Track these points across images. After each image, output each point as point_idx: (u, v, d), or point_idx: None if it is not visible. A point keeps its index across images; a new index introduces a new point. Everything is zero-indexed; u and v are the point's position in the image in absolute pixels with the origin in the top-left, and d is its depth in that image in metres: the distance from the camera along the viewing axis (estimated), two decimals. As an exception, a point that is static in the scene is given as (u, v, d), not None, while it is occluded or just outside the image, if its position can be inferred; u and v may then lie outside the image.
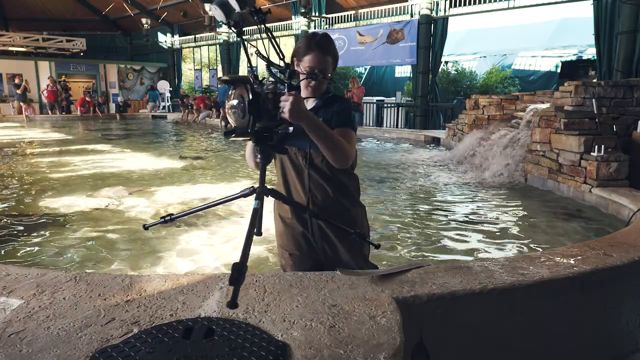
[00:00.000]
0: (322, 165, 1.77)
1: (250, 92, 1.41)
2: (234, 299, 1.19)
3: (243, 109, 1.42)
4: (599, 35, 9.36)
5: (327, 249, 1.86)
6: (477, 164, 6.85)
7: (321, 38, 1.78)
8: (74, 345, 1.29)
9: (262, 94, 1.45)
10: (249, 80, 1.44)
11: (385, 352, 1.27)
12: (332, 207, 1.80)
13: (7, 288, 1.66)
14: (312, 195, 1.80)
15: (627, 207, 3.96)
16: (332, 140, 1.60)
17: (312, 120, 1.55)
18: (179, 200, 4.99)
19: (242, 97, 1.43)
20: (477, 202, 5.11)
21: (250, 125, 1.42)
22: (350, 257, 1.87)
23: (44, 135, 12.78)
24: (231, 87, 1.50)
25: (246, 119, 1.42)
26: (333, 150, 1.62)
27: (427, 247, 3.60)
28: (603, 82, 5.43)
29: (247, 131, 1.44)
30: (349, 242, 1.83)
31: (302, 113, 1.50)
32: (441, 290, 1.68)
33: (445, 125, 10.74)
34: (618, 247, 2.23)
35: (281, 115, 1.48)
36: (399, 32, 13.17)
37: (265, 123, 1.45)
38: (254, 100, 1.41)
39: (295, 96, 1.48)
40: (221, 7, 1.49)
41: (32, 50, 20.92)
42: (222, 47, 19.43)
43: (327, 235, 1.84)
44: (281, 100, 1.48)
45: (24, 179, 6.21)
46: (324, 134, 1.58)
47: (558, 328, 1.94)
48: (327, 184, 1.80)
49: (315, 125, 1.55)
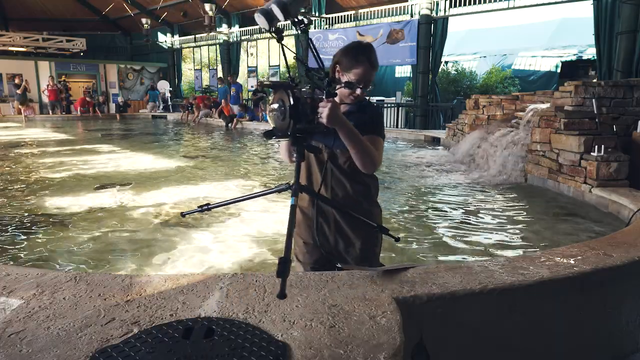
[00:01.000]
0: (345, 165, 1.87)
1: (291, 97, 1.53)
2: (282, 290, 1.28)
3: (283, 112, 1.55)
4: (599, 35, 9.36)
5: (339, 242, 1.95)
6: (477, 164, 6.85)
7: (371, 53, 1.87)
8: (74, 345, 1.29)
9: (302, 98, 1.57)
10: (290, 86, 1.56)
11: (385, 352, 1.27)
12: (352, 205, 1.89)
13: (7, 288, 1.66)
14: (333, 192, 1.91)
15: (627, 207, 3.96)
16: (362, 146, 1.72)
17: (347, 125, 1.67)
18: (180, 200, 4.99)
19: (282, 101, 1.56)
20: (477, 202, 5.11)
21: (290, 127, 1.54)
22: (361, 253, 1.94)
23: (44, 135, 12.78)
24: (271, 92, 1.63)
25: (286, 122, 1.54)
26: (362, 155, 1.74)
27: (427, 246, 3.60)
28: (603, 82, 5.43)
29: (287, 133, 1.57)
30: (363, 237, 1.93)
31: (339, 119, 1.63)
32: (441, 290, 1.68)
33: (445, 125, 10.74)
34: (618, 247, 2.23)
35: (319, 119, 1.60)
36: (399, 32, 13.18)
37: (303, 125, 1.57)
38: (295, 104, 1.53)
39: (333, 102, 1.60)
40: (265, 16, 1.60)
41: (32, 50, 20.92)
42: (222, 47, 19.43)
43: (342, 229, 1.93)
44: (319, 106, 1.60)
45: (23, 179, 6.21)
46: (356, 140, 1.70)
47: (558, 328, 1.94)
48: (348, 182, 1.90)
49: (348, 131, 1.67)
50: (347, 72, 1.85)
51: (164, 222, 4.20)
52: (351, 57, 1.85)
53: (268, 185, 5.79)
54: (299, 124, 1.55)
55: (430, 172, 6.84)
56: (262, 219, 4.24)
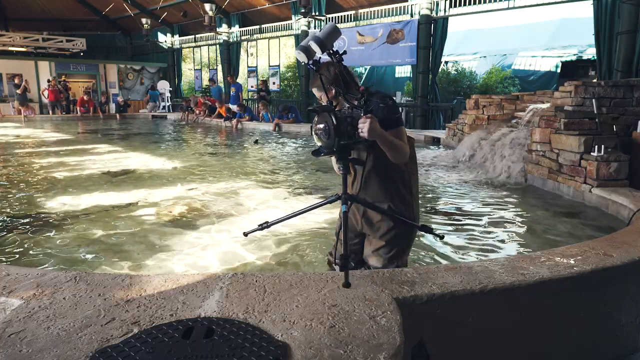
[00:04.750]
0: (380, 164, 2.13)
1: (334, 117, 1.82)
2: (346, 280, 1.65)
3: (328, 132, 1.84)
4: (599, 35, 9.35)
5: (365, 226, 2.26)
6: (477, 164, 6.85)
7: (315, 76, 2.13)
8: (74, 345, 1.29)
9: (343, 118, 1.85)
10: (332, 109, 1.87)
11: (385, 352, 1.27)
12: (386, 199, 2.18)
13: (7, 288, 1.66)
14: (365, 186, 2.18)
15: (627, 207, 3.96)
16: (395, 145, 1.98)
17: (384, 135, 1.92)
18: (180, 200, 4.99)
19: (326, 122, 1.84)
20: (477, 201, 5.11)
21: (335, 144, 1.83)
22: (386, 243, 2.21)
23: (44, 135, 12.77)
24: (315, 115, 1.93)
25: (331, 140, 1.83)
26: (395, 152, 1.99)
27: (427, 246, 3.60)
28: (603, 82, 5.43)
29: (333, 149, 1.86)
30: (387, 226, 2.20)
31: (377, 132, 1.87)
32: (441, 290, 1.68)
33: (445, 126, 10.73)
34: (618, 247, 2.23)
35: (360, 134, 1.85)
36: (399, 32, 13.17)
37: (346, 141, 1.85)
38: (338, 125, 1.81)
39: (372, 118, 1.84)
40: (304, 52, 1.89)
41: (32, 50, 20.90)
42: (222, 47, 19.41)
43: (373, 223, 2.22)
44: (359, 123, 1.85)
45: (24, 179, 6.21)
46: (390, 143, 1.96)
47: (558, 328, 1.94)
48: (381, 179, 2.18)
49: (385, 139, 1.93)
50: (319, 90, 2.14)
51: (164, 222, 4.20)
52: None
53: (274, 183, 5.79)
54: (342, 140, 1.82)
55: (430, 172, 6.84)
56: (262, 219, 4.23)
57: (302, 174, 6.73)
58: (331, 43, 1.89)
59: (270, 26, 17.45)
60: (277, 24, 17.19)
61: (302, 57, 1.88)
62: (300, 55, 1.89)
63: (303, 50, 1.87)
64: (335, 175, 6.66)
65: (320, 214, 4.22)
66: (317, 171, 6.86)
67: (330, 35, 1.89)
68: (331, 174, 6.47)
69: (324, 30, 1.91)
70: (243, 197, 5.14)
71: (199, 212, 4.55)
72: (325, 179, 6.27)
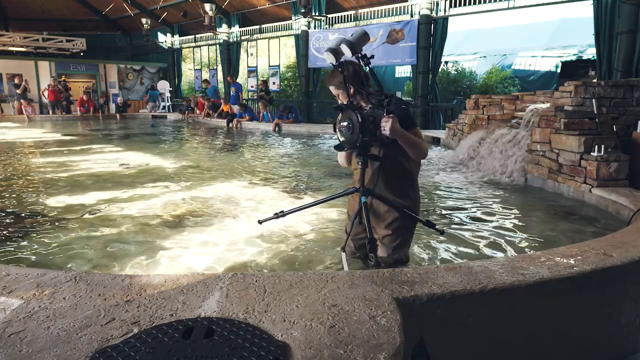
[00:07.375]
0: (392, 161, 2.26)
1: (359, 115, 1.92)
2: (376, 261, 2.00)
3: (351, 129, 1.96)
4: (599, 35, 9.36)
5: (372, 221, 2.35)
6: (477, 163, 6.85)
7: (332, 75, 2.32)
8: (74, 345, 1.29)
9: (366, 117, 1.95)
10: (358, 108, 1.98)
11: (385, 352, 1.27)
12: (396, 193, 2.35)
13: (7, 288, 1.66)
14: (377, 180, 2.27)
15: (627, 207, 3.96)
16: (414, 143, 2.11)
17: (404, 134, 2.04)
18: (180, 200, 4.99)
19: (350, 119, 1.96)
20: (477, 201, 5.11)
21: (358, 140, 1.95)
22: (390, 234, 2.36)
23: (44, 134, 12.78)
24: (340, 112, 2.04)
25: (355, 136, 1.95)
26: (416, 149, 2.15)
27: (427, 246, 3.60)
28: (603, 82, 5.43)
29: (355, 145, 1.98)
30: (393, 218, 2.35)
31: (398, 131, 1.99)
32: (441, 290, 1.68)
33: (445, 125, 10.74)
34: (618, 247, 2.23)
35: (381, 132, 1.97)
36: (399, 32, 13.17)
37: (369, 138, 1.96)
38: (363, 122, 1.92)
39: (393, 118, 1.95)
40: (333, 53, 1.99)
41: (32, 50, 20.90)
42: (222, 47, 19.41)
43: (379, 214, 2.35)
44: (382, 122, 1.96)
45: (24, 179, 6.21)
46: (410, 141, 2.09)
47: (558, 328, 1.94)
48: (394, 173, 2.31)
49: (405, 137, 2.05)
50: (337, 88, 2.27)
51: (164, 222, 4.19)
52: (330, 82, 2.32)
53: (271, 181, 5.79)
54: (365, 137, 1.94)
55: (430, 172, 6.84)
56: (259, 219, 4.23)
57: (302, 174, 6.74)
58: (361, 47, 2.01)
59: (270, 26, 17.45)
60: (277, 24, 17.20)
61: (331, 58, 2.00)
62: (328, 57, 2.00)
63: (332, 52, 1.97)
64: (336, 174, 6.64)
65: (321, 214, 4.22)
66: (317, 171, 6.87)
67: (361, 39, 2.02)
68: (332, 174, 6.47)
69: (355, 34, 2.03)
70: (243, 197, 5.14)
71: (200, 212, 4.55)
72: (326, 179, 6.27)
